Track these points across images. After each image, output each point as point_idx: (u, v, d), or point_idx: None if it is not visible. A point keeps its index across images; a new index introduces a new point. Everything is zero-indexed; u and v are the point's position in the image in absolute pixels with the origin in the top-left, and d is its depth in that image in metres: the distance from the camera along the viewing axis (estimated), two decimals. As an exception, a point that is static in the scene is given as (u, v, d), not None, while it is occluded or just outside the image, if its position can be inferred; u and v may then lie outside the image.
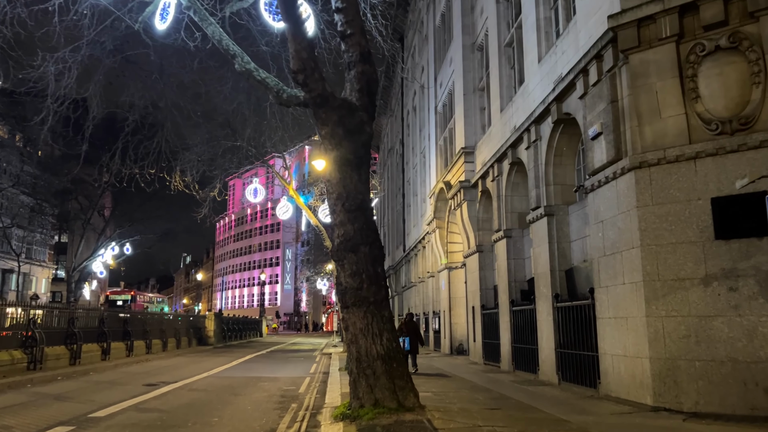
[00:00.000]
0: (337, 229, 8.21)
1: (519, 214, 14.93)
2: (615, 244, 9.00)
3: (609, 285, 9.18)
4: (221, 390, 12.08)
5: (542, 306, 12.14)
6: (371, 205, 8.56)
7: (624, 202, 8.72)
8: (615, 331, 8.97)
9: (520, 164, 14.23)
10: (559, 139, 11.90)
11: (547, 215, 12.00)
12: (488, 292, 17.40)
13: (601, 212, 9.48)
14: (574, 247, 11.72)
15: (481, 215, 17.87)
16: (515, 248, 14.88)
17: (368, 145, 8.49)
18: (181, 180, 16.40)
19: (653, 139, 8.33)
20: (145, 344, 22.56)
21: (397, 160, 41.27)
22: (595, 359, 9.83)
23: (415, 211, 33.08)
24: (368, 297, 7.95)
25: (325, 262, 60.96)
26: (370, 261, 8.02)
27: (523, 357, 13.65)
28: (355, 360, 8.01)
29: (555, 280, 11.81)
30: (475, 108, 18.75)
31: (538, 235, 12.51)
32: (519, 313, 13.93)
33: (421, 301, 30.38)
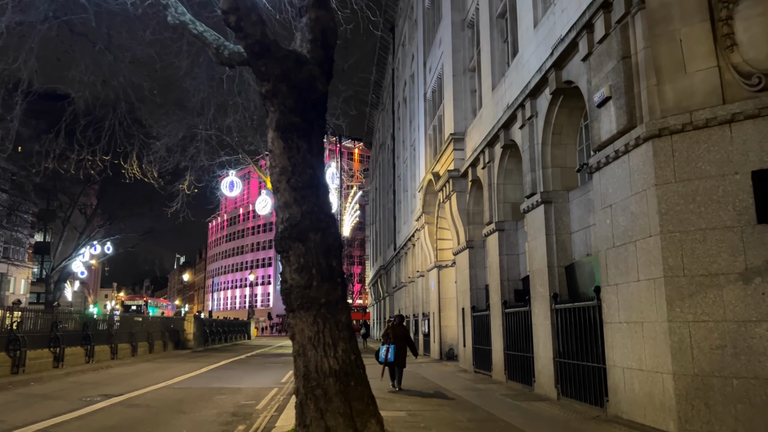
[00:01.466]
0: (280, 213, 6.52)
1: (513, 205, 13.29)
2: (627, 233, 7.36)
3: (619, 282, 7.54)
4: (166, 406, 10.39)
5: (538, 307, 10.51)
6: (325, 182, 6.89)
7: (639, 180, 7.09)
8: (627, 338, 7.33)
9: (513, 147, 12.59)
10: (558, 114, 10.26)
11: (544, 203, 10.36)
12: (479, 292, 15.76)
13: (609, 195, 7.84)
14: (575, 239, 10.08)
15: (472, 208, 16.23)
16: (508, 243, 13.24)
17: (321, 106, 6.83)
18: (138, 168, 14.73)
19: (676, 100, 6.69)
20: (109, 349, 20.85)
21: (388, 155, 39.63)
22: (602, 372, 8.19)
23: (405, 208, 31.44)
24: (319, 297, 6.27)
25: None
26: (322, 252, 6.34)
27: (517, 366, 12.00)
28: (302, 377, 6.33)
29: (553, 278, 10.17)
30: (466, 91, 17.11)
31: (533, 226, 10.87)
32: (512, 315, 12.28)
33: (411, 302, 28.73)
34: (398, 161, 34.86)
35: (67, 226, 44.19)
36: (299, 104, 6.51)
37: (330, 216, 6.70)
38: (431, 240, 21.63)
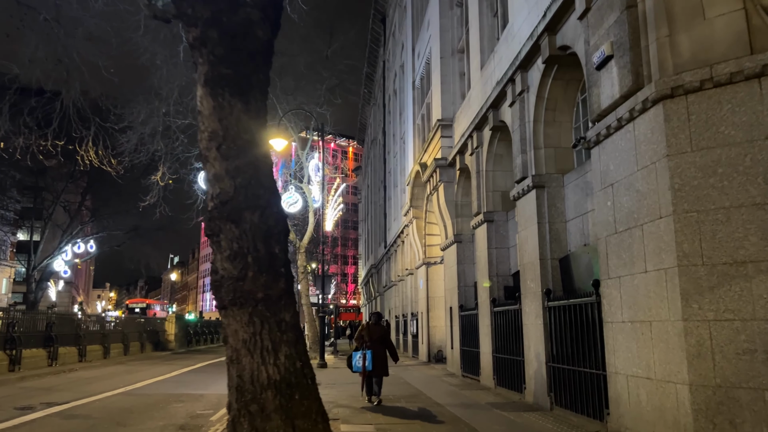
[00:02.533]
0: (210, 188, 5.32)
1: (503, 194, 12.13)
2: (632, 215, 6.20)
3: (623, 275, 6.38)
4: (109, 417, 9.19)
5: (529, 305, 9.35)
6: (267, 152, 5.69)
7: (646, 152, 5.93)
8: (632, 341, 6.17)
9: (503, 130, 11.43)
10: (552, 87, 9.10)
11: (536, 187, 9.20)
12: (467, 290, 14.59)
13: (610, 172, 6.68)
14: (571, 228, 8.93)
15: (460, 199, 15.07)
16: (498, 235, 12.07)
17: (262, 58, 5.60)
18: (95, 154, 13.52)
19: (693, 52, 5.53)
20: (77, 351, 19.62)
21: (379, 151, 38.46)
22: (602, 380, 7.03)
23: (395, 204, 30.26)
24: (255, 291, 5.04)
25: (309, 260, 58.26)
26: (261, 235, 5.12)
27: (507, 371, 10.84)
28: (235, 389, 5.11)
29: (546, 272, 9.01)
30: (454, 74, 15.95)
31: (524, 215, 9.71)
32: (501, 314, 11.12)
33: (400, 301, 27.56)
34: (389, 156, 33.70)
35: (49, 224, 42.92)
36: (233, 54, 5.28)
37: (272, 192, 5.48)
38: (419, 236, 20.46)
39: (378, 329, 9.99)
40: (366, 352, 9.47)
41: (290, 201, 21.76)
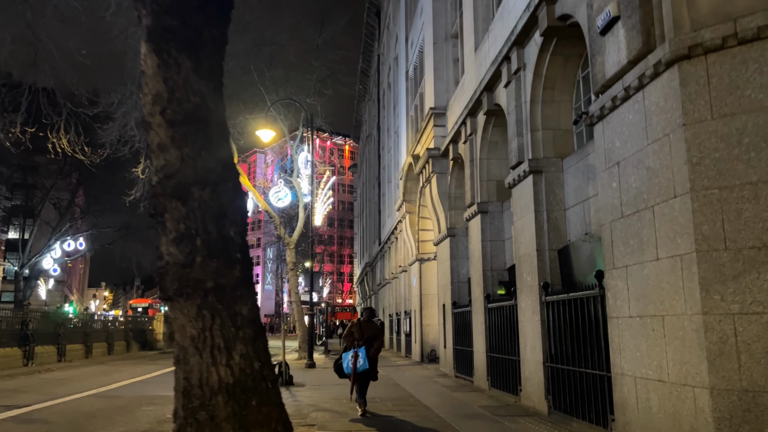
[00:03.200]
0: (154, 159, 4.57)
1: (498, 183, 11.41)
2: (641, 196, 5.48)
3: (630, 264, 5.65)
4: (69, 422, 8.43)
5: (526, 300, 8.62)
6: (222, 119, 4.94)
7: (659, 122, 5.20)
8: (641, 338, 5.44)
9: (498, 114, 10.70)
10: (551, 64, 8.37)
11: (532, 173, 8.47)
12: (461, 287, 13.86)
13: (616, 150, 5.95)
14: (571, 216, 8.20)
15: (454, 191, 14.34)
16: (492, 227, 11.35)
17: (215, 10, 4.88)
18: (68, 141, 12.75)
19: (713, 6, 4.81)
20: (56, 350, 18.85)
21: (374, 147, 37.72)
22: (606, 382, 6.31)
23: (389, 200, 29.52)
24: (204, 280, 4.27)
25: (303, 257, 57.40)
26: (212, 215, 4.35)
27: (502, 371, 10.11)
28: (181, 394, 4.39)
29: (543, 264, 8.28)
30: (447, 60, 15.22)
31: (520, 203, 8.98)
32: (496, 311, 10.39)
33: (394, 300, 26.84)
34: (383, 152, 32.98)
35: (38, 222, 42.11)
36: (179, 3, 4.57)
37: (226, 165, 4.72)
38: (412, 231, 19.73)
39: (370, 327, 8.45)
40: (359, 350, 7.95)
41: (279, 195, 21.01)
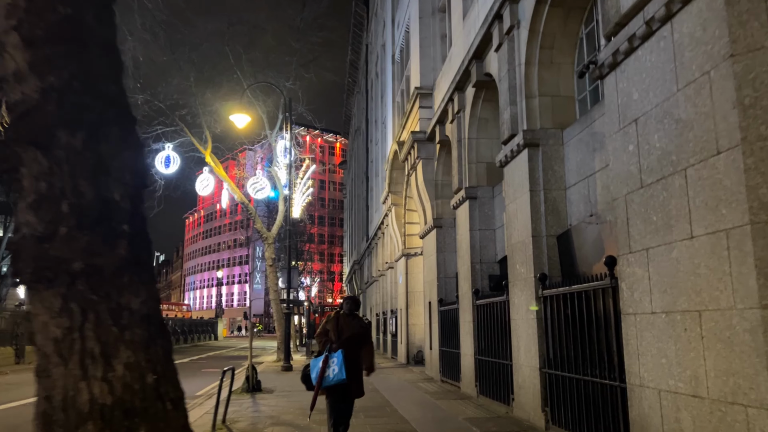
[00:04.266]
0: (10, 93, 3.29)
1: (488, 166, 10.21)
2: (668, 158, 4.26)
3: (653, 246, 4.44)
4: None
5: (519, 296, 7.40)
6: (109, 38, 3.65)
7: (694, 59, 3.99)
8: (667, 340, 4.23)
9: (489, 87, 9.50)
10: (549, 18, 7.16)
11: (528, 146, 7.25)
12: (448, 282, 12.64)
13: (633, 103, 4.74)
14: (572, 195, 6.98)
15: (441, 178, 13.12)
16: (482, 214, 10.13)
17: None
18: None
19: None
20: (14, 351, 17.48)
21: (363, 140, 36.48)
22: (618, 394, 5.10)
23: (377, 194, 28.28)
24: (70, 260, 2.98)
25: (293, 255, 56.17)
26: (86, 170, 3.00)
27: (492, 377, 8.89)
28: (41, 418, 3.12)
29: (540, 252, 7.06)
30: (435, 36, 14.00)
31: (513, 183, 7.76)
32: (485, 308, 9.17)
33: (380, 298, 25.61)
34: (371, 145, 31.75)
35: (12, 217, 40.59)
36: None
37: (113, 103, 3.47)
38: (398, 225, 18.50)
39: (352, 323, 5.89)
40: (333, 355, 5.56)
41: (257, 186, 19.72)
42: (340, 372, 5.47)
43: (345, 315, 5.88)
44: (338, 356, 5.54)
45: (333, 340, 5.69)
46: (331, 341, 5.68)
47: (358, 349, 5.75)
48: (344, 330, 5.79)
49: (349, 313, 5.90)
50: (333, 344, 5.63)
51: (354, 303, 6.03)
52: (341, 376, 5.46)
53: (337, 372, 5.48)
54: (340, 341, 5.68)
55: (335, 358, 5.50)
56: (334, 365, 5.52)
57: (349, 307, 5.94)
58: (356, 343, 5.74)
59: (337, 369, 5.50)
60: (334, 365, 5.52)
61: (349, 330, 5.79)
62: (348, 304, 5.98)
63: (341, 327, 5.82)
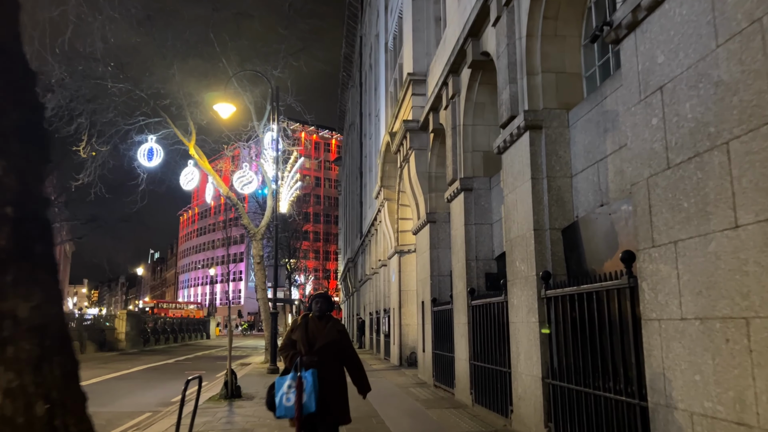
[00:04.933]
0: None
1: (485, 155, 9.44)
2: (704, 130, 3.49)
3: (683, 238, 3.67)
4: None
5: (519, 296, 6.63)
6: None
7: (739, 4, 3.21)
8: (702, 353, 3.46)
9: (486, 68, 8.72)
10: (554, -15, 6.38)
11: (529, 128, 6.46)
12: (442, 281, 11.87)
13: (658, 69, 3.97)
14: (579, 184, 6.21)
15: (435, 170, 12.34)
16: (478, 207, 9.36)
17: None
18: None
19: None
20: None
21: (357, 135, 35.67)
22: (638, 412, 4.33)
23: (371, 190, 27.49)
24: None
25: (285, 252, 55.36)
26: None
27: (488, 384, 8.12)
28: None
29: (543, 248, 6.28)
30: (428, 19, 13.20)
31: (513, 170, 6.98)
32: (481, 309, 8.40)
33: (374, 297, 24.83)
34: (365, 139, 30.94)
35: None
36: None
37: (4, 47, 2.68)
38: (391, 221, 17.72)
39: (326, 328, 4.64)
40: (304, 375, 4.35)
41: (244, 180, 18.91)
42: (309, 401, 4.27)
43: (316, 318, 4.65)
44: (309, 378, 4.32)
45: (303, 351, 4.50)
46: (301, 355, 4.48)
47: (337, 362, 4.57)
48: (316, 338, 4.55)
49: (321, 316, 4.65)
50: (302, 356, 4.45)
51: (326, 302, 4.72)
52: (310, 408, 4.28)
53: (305, 401, 4.28)
54: (311, 355, 4.46)
55: (308, 379, 4.32)
56: (306, 390, 4.33)
57: (320, 307, 4.66)
58: (333, 354, 4.55)
59: (305, 396, 4.28)
60: (306, 389, 4.32)
61: (323, 338, 4.55)
62: (319, 303, 4.67)
63: (312, 335, 4.57)
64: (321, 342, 4.53)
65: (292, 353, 4.59)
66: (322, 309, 4.68)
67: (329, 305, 4.77)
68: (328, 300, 4.79)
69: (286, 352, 4.67)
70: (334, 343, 4.58)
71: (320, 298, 4.74)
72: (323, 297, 4.77)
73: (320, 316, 4.67)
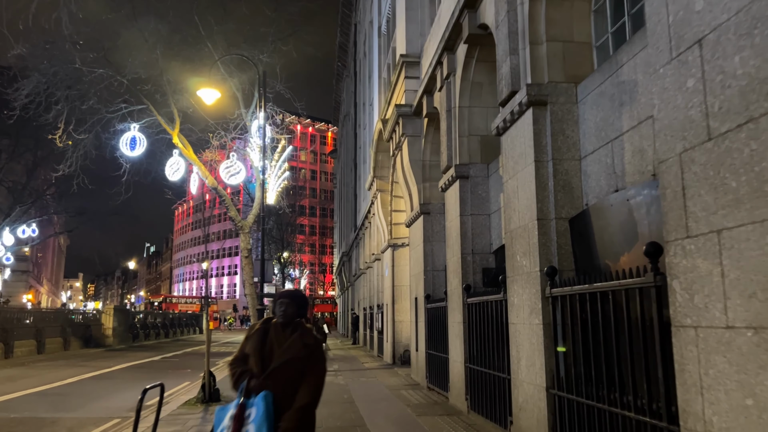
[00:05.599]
0: None
1: (482, 140, 8.70)
2: (759, 90, 2.74)
3: (729, 226, 2.92)
4: None
5: (520, 294, 5.89)
6: None
7: None
8: (755, 371, 2.72)
9: (484, 44, 7.95)
10: (561, -59, 5.61)
11: (533, 104, 5.70)
12: (437, 276, 11.14)
13: (695, 17, 3.21)
14: (589, 167, 5.45)
15: (429, 158, 11.59)
16: (475, 197, 8.61)
17: None
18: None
19: None
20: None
21: (351, 126, 34.86)
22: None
23: (364, 181, 26.71)
24: None
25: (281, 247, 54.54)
26: None
27: (486, 390, 7.39)
28: None
29: (547, 240, 5.54)
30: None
31: (514, 153, 6.22)
32: (478, 308, 7.66)
33: (368, 292, 24.13)
34: (359, 130, 30.16)
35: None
36: None
37: None
38: (385, 213, 16.98)
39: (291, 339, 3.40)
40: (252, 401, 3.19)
41: (231, 171, 18.09)
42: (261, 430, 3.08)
43: (279, 326, 3.43)
44: (258, 407, 3.13)
45: (254, 370, 3.30)
46: (251, 375, 3.29)
47: (294, 381, 3.26)
48: (273, 353, 3.33)
49: (285, 323, 3.43)
50: (252, 377, 3.27)
51: (294, 304, 3.46)
52: None
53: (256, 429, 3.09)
54: (263, 377, 3.25)
55: (254, 407, 3.14)
56: (253, 419, 3.11)
57: (286, 311, 3.43)
58: (294, 378, 3.26)
59: (254, 428, 3.08)
60: (252, 418, 3.11)
61: (281, 354, 3.31)
62: (284, 306, 3.44)
63: (269, 348, 3.35)
64: (278, 359, 3.28)
65: (240, 371, 3.35)
66: (287, 314, 3.44)
67: (299, 309, 3.49)
68: (298, 301, 3.50)
69: (234, 368, 3.43)
70: (295, 361, 3.29)
71: (286, 299, 3.47)
72: (290, 297, 3.50)
73: (284, 323, 3.44)
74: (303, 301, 3.56)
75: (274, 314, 3.54)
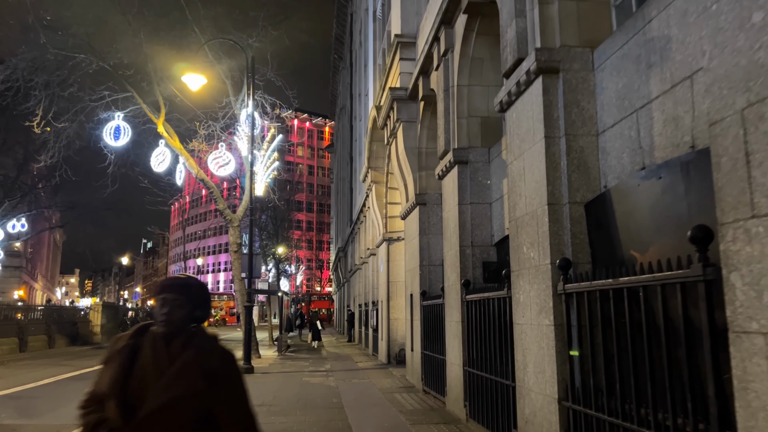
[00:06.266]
0: None
1: (483, 121, 7.94)
2: None
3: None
4: None
5: (527, 291, 5.14)
6: None
7: None
8: None
9: (485, 13, 7.20)
10: None
11: (543, 73, 4.94)
12: (433, 271, 10.40)
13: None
14: (608, 142, 4.69)
15: (425, 145, 10.83)
16: (475, 183, 7.86)
17: None
18: None
19: None
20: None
21: (347, 119, 34.06)
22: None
23: (360, 174, 25.98)
24: None
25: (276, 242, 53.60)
26: None
27: (487, 397, 6.66)
28: None
29: (559, 228, 4.79)
30: (419, -26, 11.63)
31: (519, 131, 5.46)
32: (478, 306, 6.91)
33: (363, 288, 23.42)
34: (355, 122, 29.38)
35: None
36: None
37: None
38: (380, 205, 16.24)
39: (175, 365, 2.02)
40: None
41: (220, 161, 17.34)
42: None
43: (159, 339, 2.10)
44: None
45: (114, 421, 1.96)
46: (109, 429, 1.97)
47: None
48: (147, 387, 2.01)
49: (169, 334, 2.11)
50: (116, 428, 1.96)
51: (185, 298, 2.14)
52: None
53: None
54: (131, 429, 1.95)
55: None
56: None
57: (170, 312, 2.11)
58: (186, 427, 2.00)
59: None
60: None
61: (166, 387, 2.00)
62: (167, 305, 2.11)
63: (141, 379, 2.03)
64: (156, 399, 1.97)
65: (95, 421, 2.00)
66: (173, 318, 2.11)
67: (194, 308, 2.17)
68: (193, 296, 2.17)
69: (86, 411, 2.06)
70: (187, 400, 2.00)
71: (172, 293, 2.13)
72: (179, 289, 2.15)
73: (169, 333, 2.10)
74: (201, 294, 2.22)
75: (153, 318, 2.17)
